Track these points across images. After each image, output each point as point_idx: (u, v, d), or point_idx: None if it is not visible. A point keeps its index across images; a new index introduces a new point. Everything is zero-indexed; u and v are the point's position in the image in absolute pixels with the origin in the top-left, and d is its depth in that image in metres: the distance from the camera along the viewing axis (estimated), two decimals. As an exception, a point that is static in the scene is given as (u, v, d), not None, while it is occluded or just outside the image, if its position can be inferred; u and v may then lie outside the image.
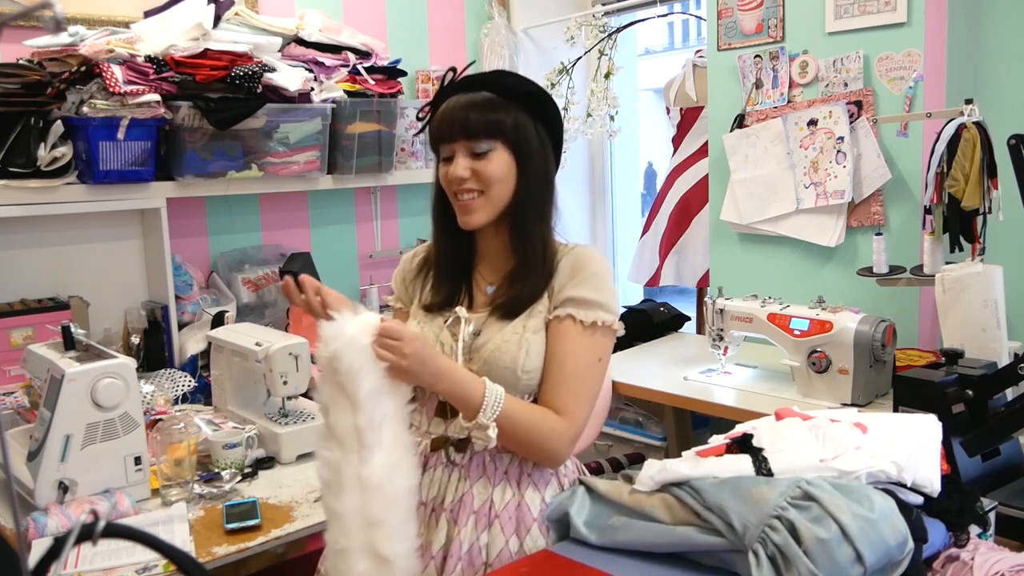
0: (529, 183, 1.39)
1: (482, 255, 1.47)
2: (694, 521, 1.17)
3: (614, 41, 3.19)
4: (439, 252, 1.48)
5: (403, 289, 1.54)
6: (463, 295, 1.45)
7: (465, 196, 1.37)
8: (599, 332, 1.37)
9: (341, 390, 1.19)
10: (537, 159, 1.40)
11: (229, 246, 2.86)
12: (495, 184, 1.36)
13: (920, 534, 1.15)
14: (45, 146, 2.22)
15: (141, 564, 1.48)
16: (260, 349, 1.98)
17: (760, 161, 2.63)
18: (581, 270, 1.39)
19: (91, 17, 2.49)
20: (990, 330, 1.94)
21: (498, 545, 1.35)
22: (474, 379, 1.31)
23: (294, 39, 2.73)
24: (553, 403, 1.35)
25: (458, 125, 1.36)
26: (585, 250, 1.43)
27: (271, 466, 1.95)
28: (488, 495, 1.37)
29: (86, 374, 1.68)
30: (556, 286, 1.39)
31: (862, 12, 2.38)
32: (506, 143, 1.36)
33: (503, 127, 1.36)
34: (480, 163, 1.36)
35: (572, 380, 1.35)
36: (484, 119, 1.35)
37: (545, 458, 1.37)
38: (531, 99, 1.40)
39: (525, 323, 1.36)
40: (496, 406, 1.29)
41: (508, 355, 1.34)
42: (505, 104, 1.37)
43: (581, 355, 1.36)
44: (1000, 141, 1.95)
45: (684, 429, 2.80)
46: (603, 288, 1.38)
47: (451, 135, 1.37)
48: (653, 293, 3.58)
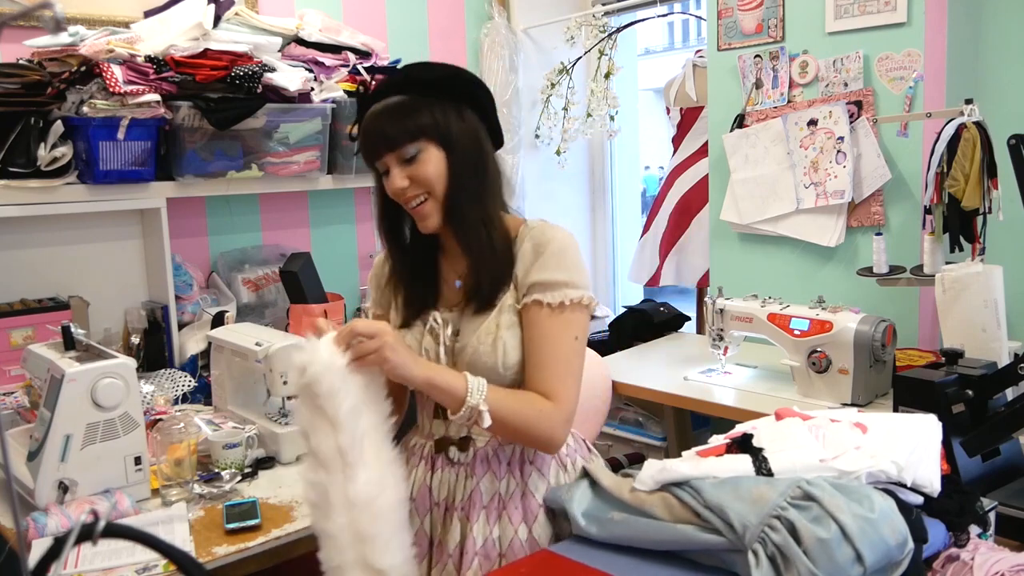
0: (459, 169, 1.36)
1: (445, 250, 1.46)
2: (694, 520, 1.17)
3: (614, 41, 3.19)
4: (397, 265, 1.48)
5: (379, 293, 1.53)
6: (435, 295, 1.45)
7: (413, 203, 1.36)
8: (568, 310, 1.35)
9: (321, 413, 1.20)
10: (464, 143, 1.37)
11: (229, 246, 2.86)
12: (435, 183, 1.35)
13: (920, 534, 1.15)
14: (45, 146, 2.21)
15: (141, 564, 1.48)
16: (260, 349, 1.98)
17: (760, 161, 2.63)
18: (542, 252, 1.36)
19: (91, 17, 2.49)
20: (990, 330, 1.94)
21: (509, 535, 1.37)
22: (454, 371, 1.32)
23: (294, 39, 2.73)
24: (539, 389, 1.35)
25: (379, 139, 1.35)
26: (543, 228, 1.40)
27: (271, 466, 1.95)
28: (496, 489, 1.39)
29: (86, 374, 1.68)
30: (520, 273, 1.37)
31: (862, 12, 2.38)
32: (430, 140, 1.34)
33: (420, 127, 1.33)
34: (413, 168, 1.34)
35: (552, 363, 1.35)
36: (400, 125, 1.33)
37: (542, 442, 1.37)
38: (447, 84, 1.37)
39: (498, 320, 1.36)
40: (481, 390, 1.29)
41: (487, 356, 1.35)
42: (417, 102, 1.34)
43: (556, 337, 1.35)
44: (1000, 141, 1.95)
45: (684, 429, 2.80)
46: (566, 265, 1.36)
47: (376, 151, 1.36)
48: (653, 293, 3.58)
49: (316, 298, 2.71)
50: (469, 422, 1.31)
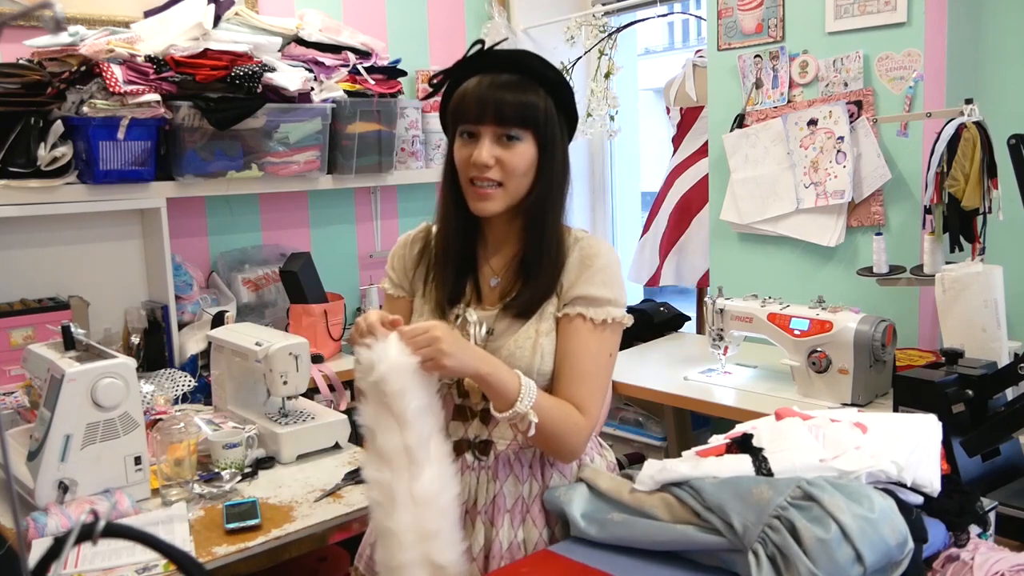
0: (552, 178, 1.34)
1: (488, 242, 1.42)
2: (694, 521, 1.17)
3: (614, 41, 3.19)
4: (447, 238, 1.40)
5: (404, 276, 1.47)
6: (469, 290, 1.41)
7: (484, 184, 1.31)
8: (609, 328, 1.35)
9: (388, 411, 1.19)
10: (559, 152, 1.35)
11: (229, 246, 2.86)
12: (517, 177, 1.31)
13: (920, 534, 1.15)
14: (45, 146, 2.22)
15: (141, 564, 1.48)
16: (260, 349, 1.98)
17: (760, 161, 2.63)
18: (589, 265, 1.35)
19: (91, 17, 2.49)
20: (990, 330, 1.94)
21: (533, 538, 1.37)
22: (507, 367, 1.29)
23: (294, 39, 2.73)
24: (570, 401, 1.34)
25: (491, 107, 1.28)
26: (589, 241, 1.39)
27: (271, 466, 1.94)
28: (519, 492, 1.39)
29: (86, 374, 1.68)
30: (565, 283, 1.36)
31: (862, 12, 2.38)
32: (535, 134, 1.31)
33: (536, 116, 1.29)
34: (507, 152, 1.29)
35: (587, 378, 1.34)
36: (519, 104, 1.28)
37: (565, 453, 1.36)
38: (557, 87, 1.34)
39: (537, 326, 1.35)
40: (531, 394, 1.27)
41: (523, 360, 1.33)
42: (538, 92, 1.31)
43: (594, 353, 1.34)
44: (1000, 141, 1.95)
45: (684, 429, 2.80)
46: (612, 283, 1.36)
47: (481, 117, 1.29)
48: (653, 293, 3.58)
49: (316, 298, 2.72)
50: (512, 423, 1.29)
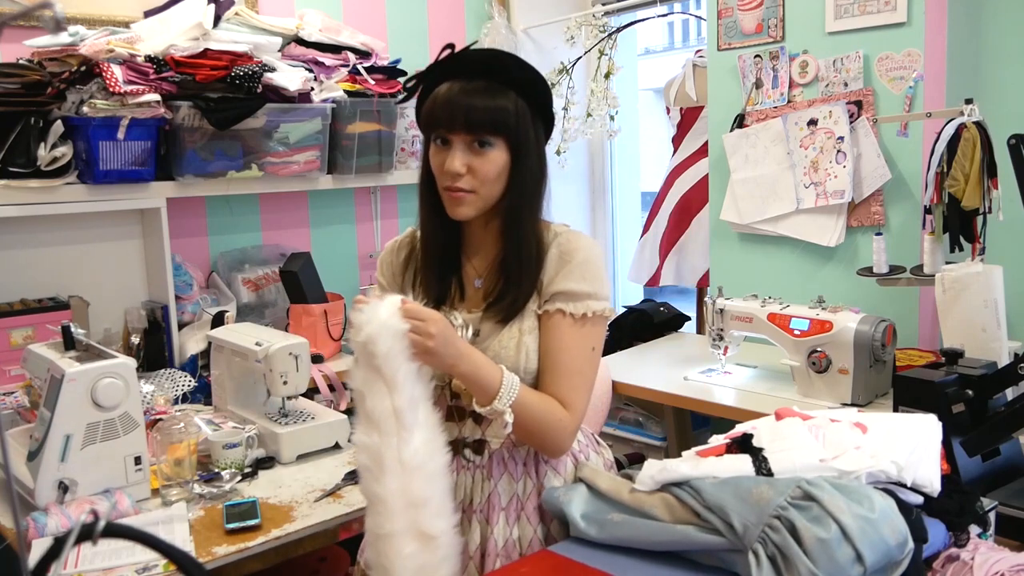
0: (526, 180, 1.34)
1: (469, 243, 1.43)
2: (694, 521, 1.17)
3: (614, 41, 3.19)
4: (429, 242, 1.42)
5: (393, 282, 1.48)
6: (453, 291, 1.42)
7: (455, 191, 1.32)
8: (591, 322, 1.36)
9: (377, 374, 1.18)
10: (533, 156, 1.35)
11: (229, 246, 2.86)
12: (489, 183, 1.31)
13: (920, 534, 1.15)
14: (45, 146, 2.21)
15: (141, 564, 1.48)
16: (260, 349, 1.98)
17: (760, 161, 2.63)
18: (568, 260, 1.35)
19: (91, 17, 2.49)
20: (990, 330, 1.94)
21: (528, 536, 1.37)
22: (492, 363, 1.30)
23: (294, 39, 2.73)
24: (554, 396, 1.34)
25: (461, 115, 1.28)
26: (569, 237, 1.39)
27: (271, 466, 1.94)
28: (514, 490, 1.39)
29: (86, 374, 1.68)
30: (544, 279, 1.36)
31: (862, 12, 2.38)
32: (507, 139, 1.31)
33: (507, 121, 1.29)
34: (478, 160, 1.30)
35: (570, 374, 1.35)
36: (489, 110, 1.28)
37: (550, 448, 1.37)
38: (531, 86, 1.33)
39: (520, 325, 1.35)
40: (512, 392, 1.28)
41: (508, 359, 1.34)
42: (508, 97, 1.30)
43: (576, 348, 1.35)
44: (1000, 141, 1.94)
45: (684, 429, 2.80)
46: (591, 276, 1.36)
47: (451, 124, 1.29)
48: (653, 293, 3.58)
49: (316, 298, 2.72)
50: (491, 418, 1.30)
